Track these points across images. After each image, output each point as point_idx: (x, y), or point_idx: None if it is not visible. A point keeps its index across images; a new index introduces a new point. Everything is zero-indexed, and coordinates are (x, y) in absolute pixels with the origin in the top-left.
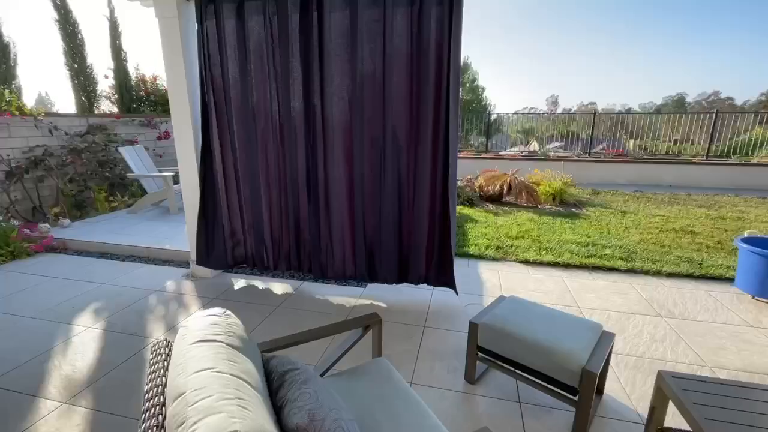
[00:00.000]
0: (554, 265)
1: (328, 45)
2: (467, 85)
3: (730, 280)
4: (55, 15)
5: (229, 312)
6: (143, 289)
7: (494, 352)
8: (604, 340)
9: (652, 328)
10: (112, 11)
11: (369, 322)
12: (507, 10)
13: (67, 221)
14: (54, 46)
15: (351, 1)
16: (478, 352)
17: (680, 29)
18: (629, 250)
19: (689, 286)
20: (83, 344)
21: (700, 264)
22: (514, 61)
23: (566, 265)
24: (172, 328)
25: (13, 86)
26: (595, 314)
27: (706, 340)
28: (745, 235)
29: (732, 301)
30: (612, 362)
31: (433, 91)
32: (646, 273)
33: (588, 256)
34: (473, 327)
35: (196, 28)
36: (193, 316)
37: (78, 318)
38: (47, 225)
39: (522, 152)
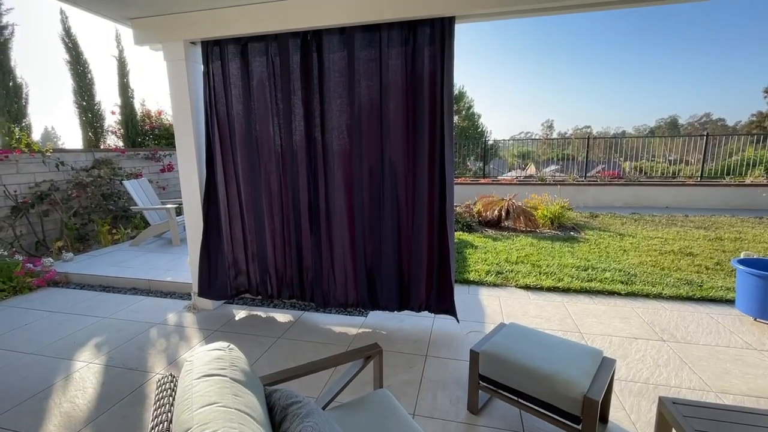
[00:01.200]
0: (554, 289)
1: (328, 82)
2: (463, 112)
3: (731, 301)
4: (67, 57)
5: (233, 346)
6: (144, 323)
7: (496, 381)
8: (605, 366)
9: (654, 353)
10: (121, 52)
11: (370, 353)
12: (499, 38)
13: (70, 255)
14: (61, 82)
15: (348, 42)
16: (480, 381)
17: (671, 52)
18: (629, 273)
19: (690, 309)
20: (84, 380)
21: (700, 286)
22: (508, 88)
23: (566, 290)
24: (173, 362)
25: (24, 124)
26: (597, 339)
27: (710, 365)
28: (742, 256)
29: (734, 323)
30: (615, 388)
31: (428, 123)
32: (647, 296)
33: (588, 280)
34: (474, 355)
35: (202, 69)
36: (198, 351)
37: (79, 353)
38: (50, 259)
39: (519, 176)
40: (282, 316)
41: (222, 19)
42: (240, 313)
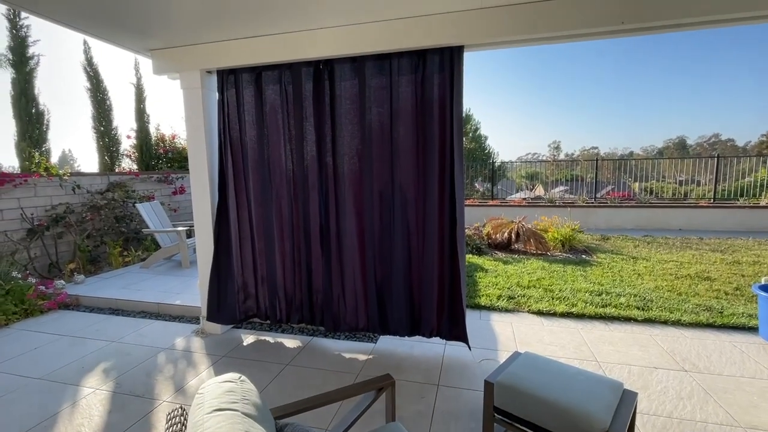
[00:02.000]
0: (568, 315)
1: (339, 109)
2: (470, 134)
3: (754, 329)
4: (87, 84)
5: (244, 377)
6: (152, 347)
7: (512, 414)
8: (627, 399)
9: (677, 384)
10: (139, 79)
11: (382, 384)
12: (505, 59)
13: (81, 277)
14: (79, 106)
15: (359, 71)
16: (495, 414)
17: (676, 72)
18: (644, 298)
19: (711, 337)
20: (90, 408)
21: (721, 312)
22: (515, 109)
23: (580, 316)
24: (180, 389)
25: (44, 148)
26: (614, 369)
27: (736, 397)
28: (763, 281)
29: (758, 352)
30: (638, 423)
31: (438, 149)
32: (665, 323)
33: (602, 306)
34: (488, 387)
35: (216, 96)
36: (209, 383)
37: (86, 379)
38: (62, 281)
39: (528, 198)
40: (290, 342)
41: (237, 49)
42: (248, 338)
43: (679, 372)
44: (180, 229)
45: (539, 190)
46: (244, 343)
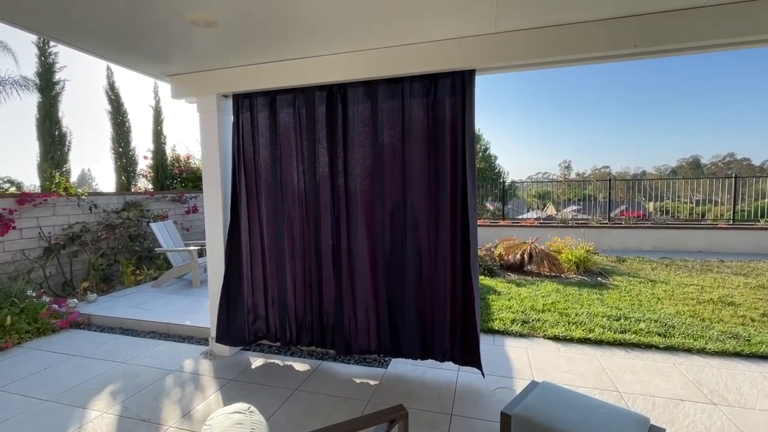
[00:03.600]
0: (586, 341)
1: (352, 131)
2: (480, 154)
3: None
4: (108, 108)
5: (253, 408)
6: (161, 369)
7: None
8: None
9: (706, 419)
10: (157, 102)
11: (395, 416)
12: (514, 79)
13: (94, 296)
14: (99, 126)
15: (372, 94)
16: None
17: (691, 92)
18: (666, 324)
19: (740, 367)
20: None
21: (748, 340)
22: (524, 129)
23: (599, 342)
24: (187, 414)
25: (64, 169)
26: (637, 400)
27: None
28: None
29: None
30: None
31: (449, 171)
32: (689, 351)
33: (621, 332)
34: (506, 419)
35: (231, 119)
36: (218, 414)
37: (94, 402)
38: (75, 300)
39: (540, 218)
40: (299, 365)
41: (253, 74)
42: (257, 361)
43: (707, 405)
44: (192, 248)
45: (551, 210)
46: (253, 366)
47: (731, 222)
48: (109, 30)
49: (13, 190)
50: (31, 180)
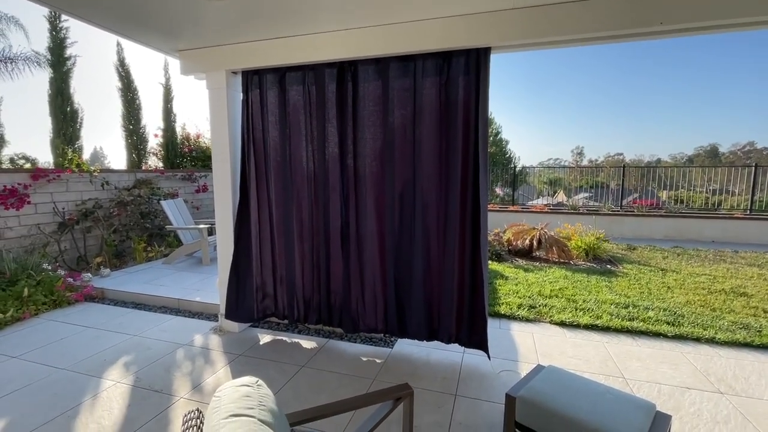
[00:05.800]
0: (593, 327)
1: (362, 111)
2: (491, 138)
3: None
4: (119, 84)
5: (261, 382)
6: (172, 343)
7: (534, 431)
8: (659, 423)
9: (712, 407)
10: (167, 79)
11: (400, 394)
12: (528, 63)
13: (107, 271)
14: (111, 105)
15: (383, 72)
16: (517, 429)
17: (708, 79)
18: (675, 313)
19: (749, 357)
20: (111, 400)
21: (759, 331)
22: (537, 113)
23: (606, 329)
24: (197, 386)
25: (76, 145)
26: (643, 387)
27: None
28: None
29: None
30: None
31: (461, 152)
32: (697, 340)
33: (629, 319)
34: (510, 401)
35: (241, 96)
36: (226, 387)
37: (108, 371)
38: (89, 274)
39: (550, 204)
40: (307, 343)
41: (262, 50)
42: (265, 338)
43: (714, 394)
44: (202, 226)
45: (561, 197)
46: (261, 343)
47: (748, 212)
48: (120, 2)
49: (28, 166)
50: (44, 156)
